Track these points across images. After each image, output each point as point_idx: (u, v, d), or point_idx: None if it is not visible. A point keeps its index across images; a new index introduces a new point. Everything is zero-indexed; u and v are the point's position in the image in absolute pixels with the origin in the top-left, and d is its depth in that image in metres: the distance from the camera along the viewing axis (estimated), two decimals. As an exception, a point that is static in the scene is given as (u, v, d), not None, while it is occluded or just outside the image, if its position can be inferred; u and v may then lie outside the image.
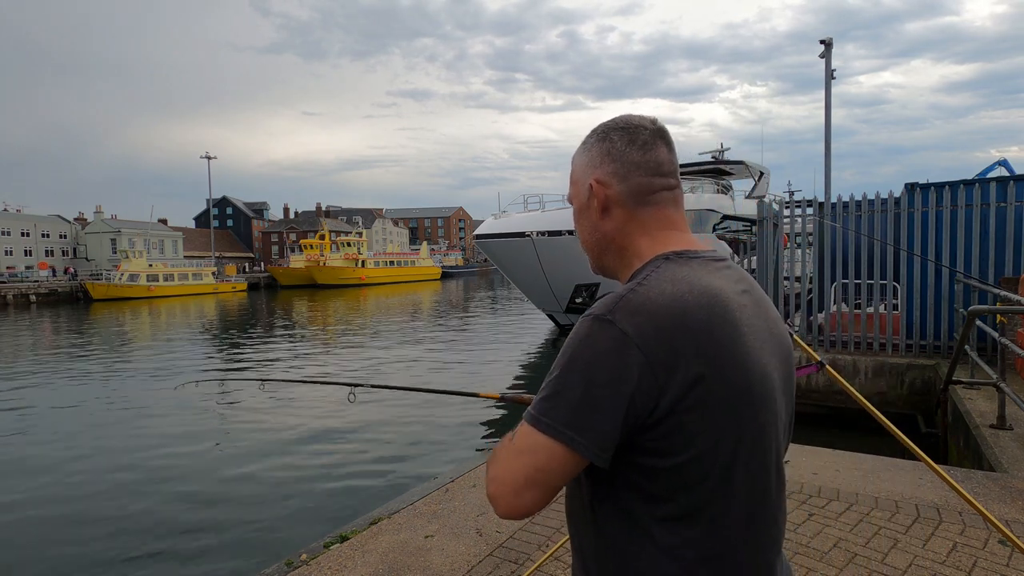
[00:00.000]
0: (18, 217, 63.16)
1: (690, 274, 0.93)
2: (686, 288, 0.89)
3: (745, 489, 0.90)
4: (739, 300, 0.94)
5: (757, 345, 0.92)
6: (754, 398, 0.90)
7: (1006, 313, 5.81)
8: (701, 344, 0.85)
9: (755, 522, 0.92)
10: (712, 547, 0.89)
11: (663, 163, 1.02)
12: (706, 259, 0.98)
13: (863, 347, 8.99)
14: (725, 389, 0.86)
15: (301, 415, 10.80)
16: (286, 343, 21.48)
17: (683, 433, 0.85)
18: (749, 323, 0.93)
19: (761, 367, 0.92)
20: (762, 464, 0.92)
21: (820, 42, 16.48)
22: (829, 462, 4.45)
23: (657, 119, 1.06)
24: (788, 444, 1.04)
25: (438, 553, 3.14)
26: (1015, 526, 3.26)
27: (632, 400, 0.83)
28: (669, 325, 0.85)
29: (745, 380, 0.89)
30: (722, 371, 0.86)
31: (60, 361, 17.97)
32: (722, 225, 22.48)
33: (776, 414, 0.95)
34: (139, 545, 5.83)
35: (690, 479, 0.87)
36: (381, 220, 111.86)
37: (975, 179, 8.72)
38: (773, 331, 0.98)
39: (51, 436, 9.89)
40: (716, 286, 0.92)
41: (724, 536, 0.89)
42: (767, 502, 0.94)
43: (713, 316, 0.88)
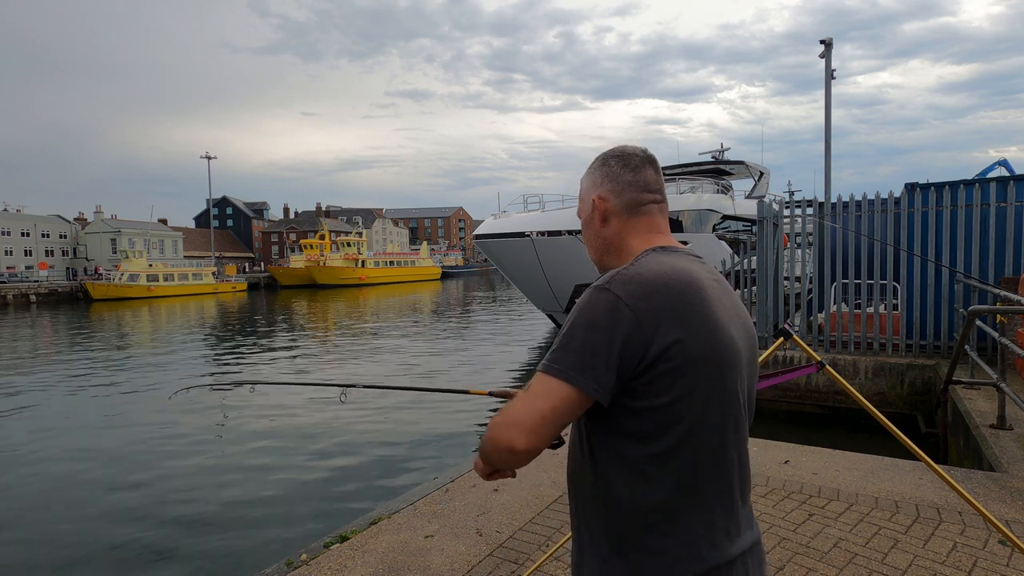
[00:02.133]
0: (18, 217, 63.14)
1: (672, 260, 1.17)
2: (668, 268, 1.13)
3: (715, 433, 1.12)
4: (711, 283, 1.17)
5: (725, 318, 1.14)
6: (722, 358, 1.11)
7: (1006, 313, 5.81)
8: (679, 309, 1.07)
9: (721, 461, 1.14)
10: (688, 479, 1.10)
11: (651, 182, 1.28)
12: (684, 253, 1.23)
13: (863, 347, 8.99)
14: (699, 347, 1.08)
15: (300, 415, 10.80)
16: (285, 343, 21.48)
17: (666, 379, 1.06)
18: (719, 301, 1.15)
19: (728, 336, 1.13)
20: (728, 415, 1.14)
21: (820, 42, 16.48)
22: (829, 462, 4.45)
23: (647, 149, 1.31)
24: (751, 417, 1.25)
25: (438, 553, 3.14)
26: (1015, 526, 3.26)
27: (624, 348, 1.05)
28: (653, 292, 1.08)
29: (715, 343, 1.10)
30: (696, 332, 1.08)
31: (60, 361, 17.98)
32: (722, 225, 22.48)
33: (740, 377, 1.16)
34: (139, 545, 5.83)
35: (671, 419, 1.08)
36: (381, 220, 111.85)
37: (975, 179, 8.72)
38: (739, 313, 1.21)
39: (50, 436, 9.88)
40: (693, 269, 1.16)
41: (697, 470, 1.11)
42: (731, 447, 1.15)
43: (690, 289, 1.10)
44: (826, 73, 16.50)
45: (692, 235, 20.88)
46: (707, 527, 1.12)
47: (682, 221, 20.76)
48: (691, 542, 1.11)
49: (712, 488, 1.13)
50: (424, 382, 13.46)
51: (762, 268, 9.89)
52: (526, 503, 3.76)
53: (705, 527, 1.12)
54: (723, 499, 1.15)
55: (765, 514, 3.52)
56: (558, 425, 1.08)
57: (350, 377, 14.46)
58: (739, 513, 1.18)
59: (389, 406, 11.29)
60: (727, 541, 1.14)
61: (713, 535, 1.13)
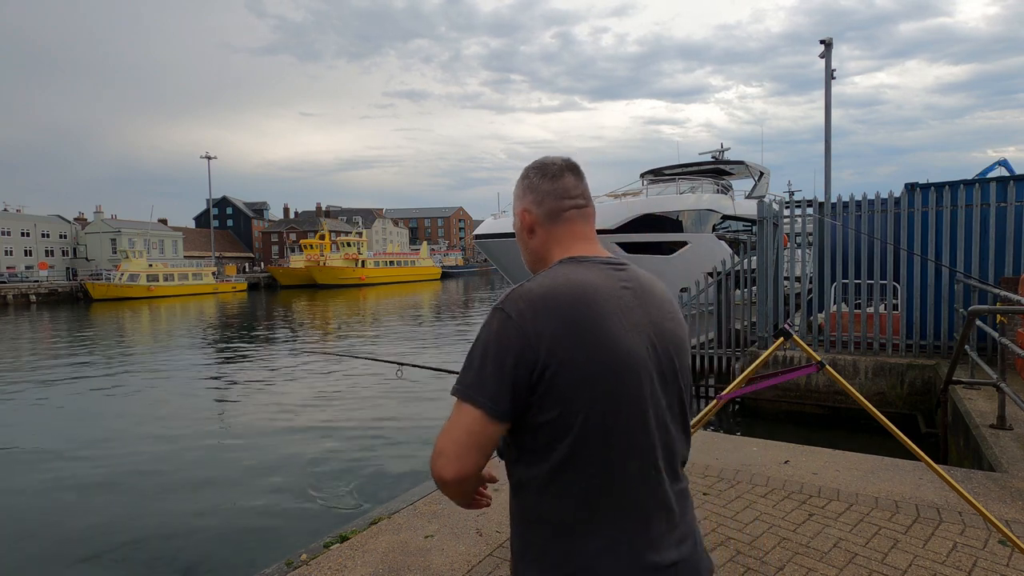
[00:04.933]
0: (18, 217, 63.12)
1: (571, 272, 1.17)
2: (561, 281, 1.14)
3: (610, 446, 1.11)
4: (613, 293, 1.16)
5: (622, 328, 1.13)
6: (613, 368, 1.10)
7: (1006, 313, 5.81)
8: (565, 323, 1.09)
9: (619, 475, 1.12)
10: (582, 494, 1.11)
11: (570, 188, 1.28)
12: (597, 263, 1.21)
13: (863, 347, 8.98)
14: (586, 359, 1.08)
15: (301, 415, 10.80)
16: (285, 343, 21.48)
17: (555, 393, 1.08)
18: (619, 311, 1.14)
19: (624, 345, 1.12)
20: (626, 427, 1.12)
21: (820, 42, 16.49)
22: (829, 462, 4.45)
23: (570, 158, 1.33)
24: (688, 409, 1.26)
25: (438, 553, 3.14)
26: (1015, 526, 3.26)
27: (516, 366, 1.07)
28: (542, 308, 1.09)
29: (604, 353, 1.10)
30: (583, 345, 1.09)
31: (60, 361, 17.97)
32: (722, 225, 22.49)
33: (641, 384, 1.14)
34: (138, 545, 5.83)
35: (560, 434, 1.09)
36: (381, 220, 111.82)
37: (975, 179, 8.72)
38: (653, 319, 1.19)
39: (49, 436, 9.88)
40: (589, 281, 1.16)
41: (591, 484, 1.11)
42: (633, 460, 1.13)
43: (579, 303, 1.11)
44: (826, 73, 16.50)
45: (692, 235, 20.90)
46: (609, 542, 1.11)
47: (682, 221, 20.77)
48: (590, 557, 1.10)
49: (611, 503, 1.12)
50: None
51: (762, 268, 9.88)
52: (526, 503, 3.76)
53: (605, 542, 1.11)
54: (628, 514, 1.13)
55: (765, 514, 3.52)
56: (480, 447, 1.08)
57: (349, 378, 14.47)
58: (654, 528, 1.14)
59: (393, 406, 11.29)
60: (635, 557, 1.12)
61: (617, 550, 1.11)
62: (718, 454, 4.66)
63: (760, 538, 3.20)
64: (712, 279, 11.48)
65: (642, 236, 19.71)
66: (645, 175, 25.57)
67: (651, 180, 25.06)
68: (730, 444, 4.97)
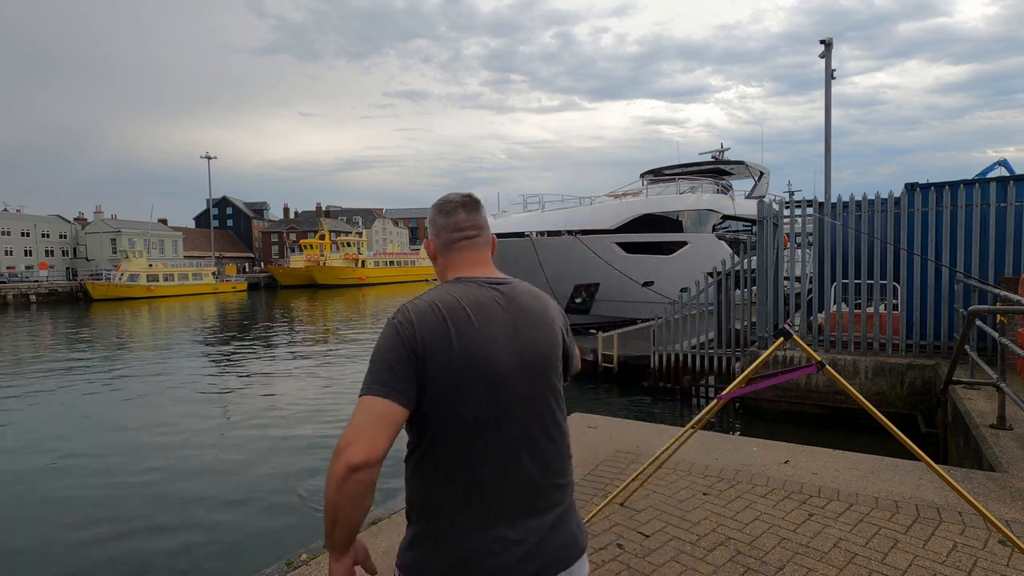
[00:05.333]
0: (18, 217, 63.11)
1: (451, 289, 1.41)
2: (438, 298, 1.37)
3: (466, 438, 1.31)
4: (484, 306, 1.38)
5: (487, 334, 1.35)
6: (475, 368, 1.31)
7: (1006, 313, 5.81)
8: (437, 329, 1.31)
9: (476, 465, 1.32)
10: (442, 480, 1.32)
11: (460, 223, 1.51)
12: (478, 282, 1.44)
13: (863, 347, 8.98)
14: (452, 359, 1.30)
15: (301, 415, 10.80)
16: (285, 341, 21.48)
17: (428, 389, 1.29)
18: (486, 320, 1.36)
19: (486, 349, 1.33)
20: (492, 415, 1.32)
21: (820, 42, 16.47)
22: (829, 462, 4.44)
23: (468, 194, 1.55)
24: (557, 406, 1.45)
25: (438, 553, 3.14)
26: (1015, 526, 3.26)
27: (405, 364, 1.28)
28: (421, 317, 1.32)
29: (468, 356, 1.31)
30: (450, 348, 1.30)
31: (60, 361, 17.97)
32: (722, 225, 22.49)
33: (501, 382, 1.33)
34: (139, 545, 5.83)
35: (426, 424, 1.31)
36: (381, 220, 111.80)
37: (975, 179, 8.72)
38: (518, 328, 1.40)
39: (49, 436, 9.89)
40: (465, 296, 1.38)
41: (448, 471, 1.32)
42: (490, 452, 1.32)
43: (449, 315, 1.33)
44: (826, 73, 16.49)
45: (692, 235, 20.89)
46: (467, 518, 1.31)
47: (682, 221, 20.77)
48: (452, 530, 1.31)
49: (470, 484, 1.32)
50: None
51: (762, 268, 9.88)
52: (526, 503, 3.76)
53: (465, 518, 1.31)
54: (487, 494, 1.32)
55: (765, 514, 3.52)
56: (385, 427, 1.24)
57: (351, 376, 14.47)
58: (511, 507, 1.33)
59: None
60: (490, 533, 1.31)
61: (473, 526, 1.31)
62: (718, 454, 4.66)
63: (760, 538, 3.20)
64: (712, 279, 11.48)
65: (642, 236, 19.70)
66: (645, 175, 25.57)
67: (651, 180, 25.06)
68: (730, 444, 4.97)
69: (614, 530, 3.35)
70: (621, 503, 3.70)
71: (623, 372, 12.63)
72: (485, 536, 1.30)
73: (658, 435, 5.23)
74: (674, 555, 3.05)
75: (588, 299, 20.52)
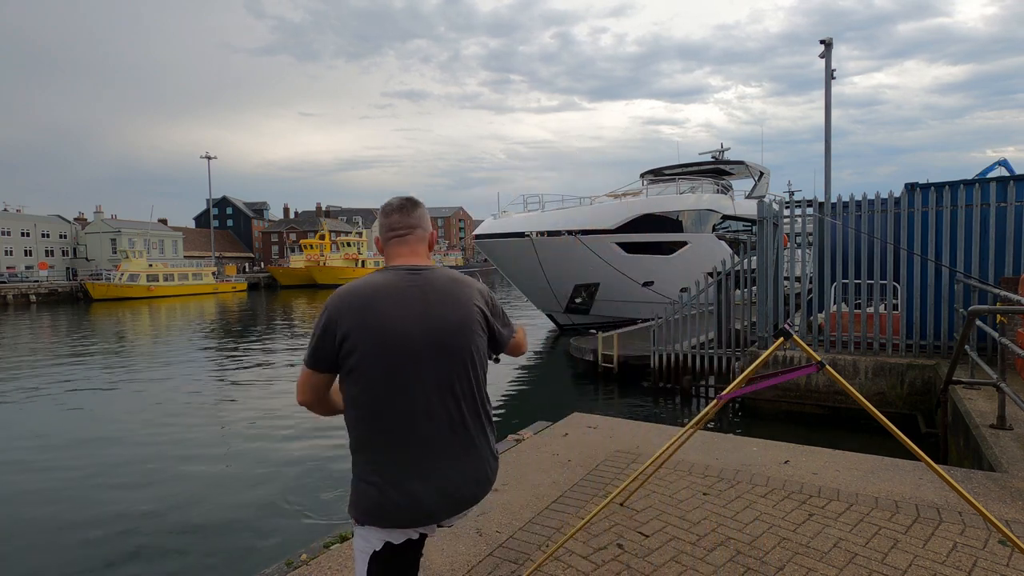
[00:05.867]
0: (18, 217, 63.09)
1: (373, 276, 1.75)
2: (365, 282, 1.74)
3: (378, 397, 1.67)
4: (398, 289, 1.72)
5: (400, 315, 1.68)
6: (384, 340, 1.66)
7: (1006, 313, 5.81)
8: (354, 311, 1.67)
9: (387, 416, 1.68)
10: (363, 427, 1.70)
11: (393, 223, 1.85)
12: (399, 270, 1.78)
13: (863, 347, 8.98)
14: (365, 333, 1.65)
15: (301, 415, 10.81)
16: (285, 343, 21.47)
17: (347, 357, 1.66)
18: (399, 302, 1.70)
19: (395, 325, 1.67)
20: (399, 379, 1.67)
21: (820, 42, 16.48)
22: (829, 462, 4.44)
23: (411, 197, 1.90)
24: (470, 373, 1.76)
25: (438, 553, 3.14)
26: (1015, 526, 3.26)
27: (326, 339, 1.68)
28: (343, 299, 1.69)
29: (377, 330, 1.66)
30: (364, 326, 1.66)
31: (59, 360, 17.97)
32: (722, 225, 22.48)
33: (407, 352, 1.67)
34: (139, 545, 5.83)
35: (350, 382, 1.69)
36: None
37: (975, 179, 8.72)
38: (430, 308, 1.72)
39: (49, 436, 9.88)
40: (381, 281, 1.74)
41: (368, 421, 1.70)
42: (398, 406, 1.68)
43: (367, 297, 1.69)
44: (826, 73, 16.49)
45: (692, 235, 20.89)
46: (375, 463, 1.69)
47: (682, 221, 20.76)
48: (363, 471, 1.70)
49: (379, 434, 1.69)
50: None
51: (762, 268, 9.88)
52: (526, 503, 3.76)
53: (373, 463, 1.70)
54: (391, 444, 1.69)
55: (765, 514, 3.52)
56: (312, 389, 1.74)
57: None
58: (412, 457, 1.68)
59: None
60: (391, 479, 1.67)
61: (378, 470, 1.69)
62: (718, 454, 4.66)
63: (760, 538, 3.20)
64: (712, 279, 11.48)
65: (642, 236, 19.70)
66: (645, 175, 25.56)
67: (651, 180, 25.05)
68: (730, 444, 4.97)
69: (614, 530, 3.35)
70: (621, 503, 3.70)
71: (623, 372, 12.63)
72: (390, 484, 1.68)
73: (658, 435, 5.23)
74: (674, 555, 3.05)
75: (588, 299, 20.52)
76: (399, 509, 1.65)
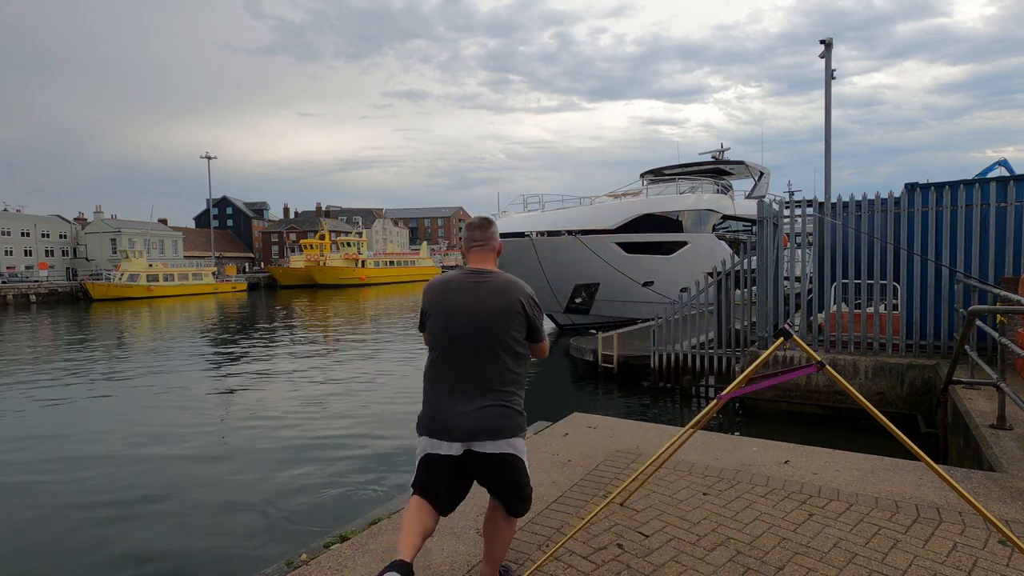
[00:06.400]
0: (18, 217, 63.09)
1: (452, 273, 2.60)
2: (443, 277, 2.63)
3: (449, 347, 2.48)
4: (462, 284, 2.53)
5: (456, 300, 2.49)
6: (447, 315, 2.49)
7: (1006, 313, 5.80)
8: (434, 293, 2.59)
9: (451, 362, 2.47)
10: (431, 368, 2.54)
11: (472, 237, 2.65)
12: (468, 271, 2.57)
13: (863, 347, 8.98)
14: (435, 309, 2.54)
15: (301, 415, 10.80)
16: (285, 344, 21.48)
17: (427, 318, 2.59)
18: (460, 291, 2.51)
19: (455, 306, 2.48)
20: (456, 341, 2.46)
21: (820, 42, 16.48)
22: (829, 462, 4.44)
23: (486, 218, 2.71)
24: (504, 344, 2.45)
25: (438, 553, 3.14)
26: (1015, 526, 3.26)
27: (422, 308, 2.63)
28: (428, 287, 2.63)
29: (444, 308, 2.50)
30: (436, 303, 2.55)
31: (59, 361, 17.97)
32: (722, 225, 22.47)
33: (461, 325, 2.45)
34: (139, 545, 5.83)
35: (431, 339, 2.57)
36: (381, 220, 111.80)
37: (975, 179, 8.71)
38: (481, 298, 2.47)
39: (49, 436, 9.88)
40: (454, 277, 2.58)
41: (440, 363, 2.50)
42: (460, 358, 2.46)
43: (442, 285, 2.59)
44: (826, 73, 16.49)
45: (692, 235, 20.88)
46: (438, 392, 2.49)
47: (682, 221, 20.76)
48: (431, 397, 2.52)
49: (443, 375, 2.48)
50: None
51: (762, 268, 9.88)
52: (526, 503, 3.76)
53: (436, 391, 2.50)
54: (450, 382, 2.46)
55: (765, 514, 3.52)
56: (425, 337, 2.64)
57: (350, 377, 14.47)
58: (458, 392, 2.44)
59: (393, 406, 11.30)
60: (444, 402, 2.46)
61: (439, 394, 2.48)
62: (718, 454, 4.66)
63: (760, 538, 3.20)
64: (712, 279, 11.48)
65: (642, 236, 19.70)
66: (645, 175, 25.55)
67: (651, 180, 25.04)
68: (730, 444, 4.97)
69: (614, 530, 3.35)
70: (621, 503, 3.70)
71: (623, 372, 12.63)
72: (442, 404, 2.46)
73: (658, 435, 5.23)
74: (674, 555, 3.04)
75: (588, 299, 20.51)
76: (434, 423, 2.45)
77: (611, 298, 20.17)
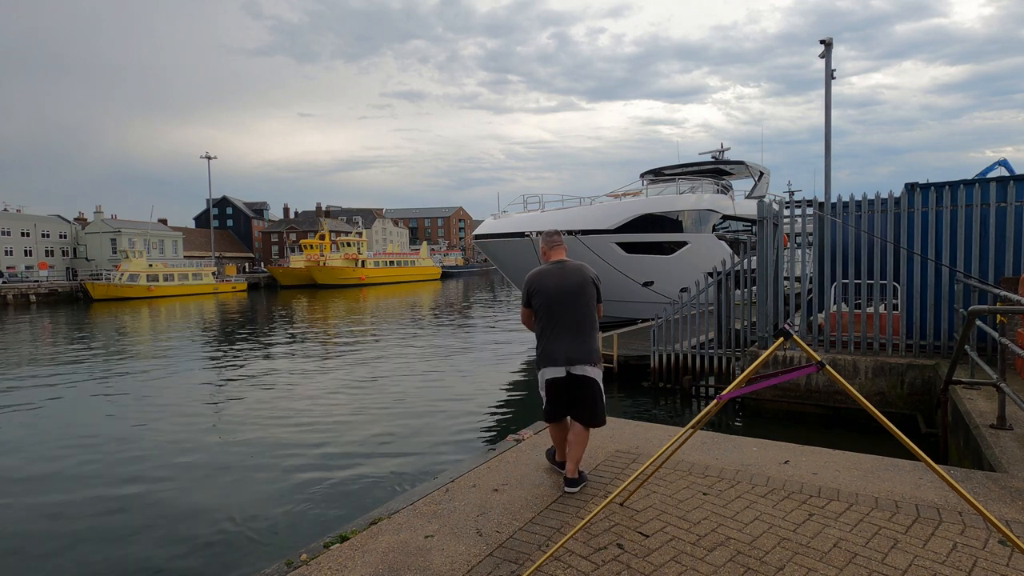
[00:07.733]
0: (18, 217, 63.10)
1: (545, 266, 4.15)
2: (539, 270, 4.14)
3: (550, 314, 4.00)
4: (553, 271, 4.06)
5: (552, 280, 4.02)
6: (548, 292, 4.00)
7: (1006, 313, 5.80)
8: (538, 278, 4.08)
9: (559, 320, 3.98)
10: (541, 326, 4.05)
11: (552, 240, 4.25)
12: (552, 262, 4.14)
13: (863, 347, 8.98)
14: (541, 289, 4.04)
15: (300, 415, 10.80)
16: (285, 344, 21.47)
17: (534, 298, 4.08)
18: (551, 276, 4.04)
19: (552, 285, 4.01)
20: (556, 310, 3.98)
21: (820, 42, 16.47)
22: (829, 462, 4.44)
23: (557, 230, 4.36)
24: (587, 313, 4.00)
25: (438, 553, 3.14)
26: (1015, 526, 3.26)
27: (527, 291, 4.12)
28: (532, 275, 4.14)
29: (545, 288, 4.02)
30: (540, 284, 4.05)
31: (59, 361, 17.97)
32: (722, 225, 22.46)
33: (558, 299, 3.97)
34: (138, 545, 5.83)
35: (537, 310, 4.08)
36: (381, 220, 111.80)
37: (975, 179, 8.71)
38: (566, 279, 4.00)
39: (49, 436, 9.88)
40: (546, 268, 4.12)
41: (545, 324, 4.03)
42: (559, 320, 3.97)
43: (541, 274, 4.09)
44: (826, 73, 16.48)
45: (692, 235, 20.87)
46: (550, 342, 3.96)
47: (682, 221, 20.75)
48: (546, 344, 3.99)
49: (551, 331, 3.96)
50: (446, 386, 13.51)
51: (762, 268, 9.88)
52: (526, 503, 3.76)
53: (550, 341, 3.96)
54: (557, 335, 3.93)
55: (765, 514, 3.52)
56: (527, 317, 4.18)
57: (356, 383, 14.47)
58: (566, 342, 3.92)
59: (393, 406, 11.29)
60: (559, 347, 3.93)
61: (555, 343, 3.94)
62: (718, 454, 4.66)
63: (760, 538, 3.20)
64: (712, 279, 11.48)
65: (642, 236, 19.69)
66: (645, 175, 25.55)
67: (651, 180, 25.04)
68: (730, 444, 4.97)
69: (614, 530, 3.35)
70: (621, 503, 3.70)
71: (623, 372, 12.64)
72: (560, 349, 3.91)
73: (658, 435, 5.23)
74: (674, 555, 3.04)
75: (588, 299, 20.46)
76: (549, 357, 3.92)
77: (611, 298, 20.16)
